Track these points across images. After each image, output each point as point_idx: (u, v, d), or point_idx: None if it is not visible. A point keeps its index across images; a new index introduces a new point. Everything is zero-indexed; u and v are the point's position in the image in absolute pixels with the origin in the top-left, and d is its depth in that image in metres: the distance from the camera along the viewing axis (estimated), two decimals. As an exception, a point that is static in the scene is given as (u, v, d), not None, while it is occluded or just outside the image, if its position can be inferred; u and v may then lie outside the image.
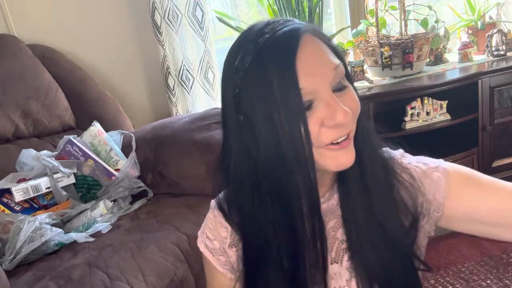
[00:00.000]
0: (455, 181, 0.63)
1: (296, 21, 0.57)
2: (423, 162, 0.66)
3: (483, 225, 0.64)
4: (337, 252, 0.63)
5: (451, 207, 0.64)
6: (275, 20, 0.57)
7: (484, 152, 2.07)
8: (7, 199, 1.22)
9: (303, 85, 0.52)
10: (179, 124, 1.54)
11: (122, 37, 1.98)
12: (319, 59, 0.54)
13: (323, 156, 0.56)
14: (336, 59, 0.56)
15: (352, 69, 2.03)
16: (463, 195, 0.63)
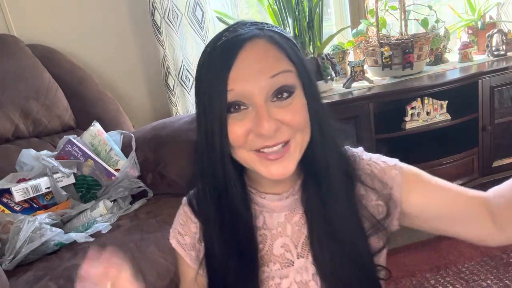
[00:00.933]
0: (410, 178, 0.66)
1: (259, 25, 0.59)
2: (381, 160, 0.68)
3: (440, 221, 0.67)
4: (303, 247, 0.65)
5: (408, 202, 0.66)
6: (239, 23, 0.59)
7: (484, 152, 2.07)
8: (7, 199, 1.22)
9: (233, 87, 0.55)
10: (179, 124, 1.54)
11: (122, 37, 1.98)
12: (256, 65, 0.55)
13: (256, 162, 0.58)
14: (282, 67, 0.56)
15: (352, 69, 2.03)
16: (417, 190, 0.66)
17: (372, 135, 1.92)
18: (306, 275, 0.64)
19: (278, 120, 0.56)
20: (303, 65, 0.59)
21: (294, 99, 0.57)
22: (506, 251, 1.69)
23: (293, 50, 0.58)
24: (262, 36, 0.57)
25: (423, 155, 2.05)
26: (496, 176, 2.12)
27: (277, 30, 0.60)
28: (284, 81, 0.56)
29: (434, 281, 1.59)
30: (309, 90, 0.59)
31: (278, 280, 0.65)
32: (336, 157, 0.63)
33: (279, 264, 0.66)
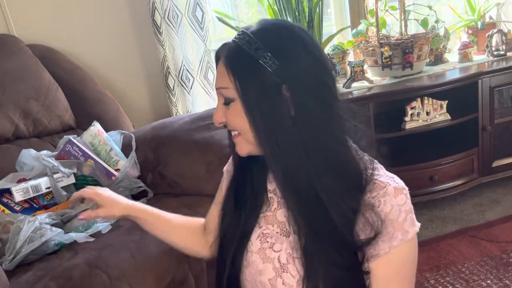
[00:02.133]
0: (395, 257, 0.68)
1: (240, 35, 0.69)
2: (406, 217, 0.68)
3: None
4: (300, 227, 0.71)
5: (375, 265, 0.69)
6: (243, 29, 0.70)
7: (484, 152, 2.07)
8: (7, 199, 1.22)
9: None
10: (179, 124, 1.54)
11: (122, 37, 1.98)
12: (216, 75, 0.72)
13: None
14: (221, 83, 0.69)
15: (352, 69, 2.03)
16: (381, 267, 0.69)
17: (372, 135, 1.92)
18: (295, 253, 0.71)
19: (225, 117, 0.72)
20: (245, 85, 0.66)
21: (231, 108, 0.69)
22: (506, 251, 1.69)
23: (237, 68, 0.67)
24: (224, 50, 0.69)
25: (423, 155, 2.05)
26: (496, 176, 2.13)
27: (241, 43, 0.67)
28: (223, 93, 0.69)
29: (434, 281, 1.59)
30: (248, 106, 0.67)
31: (274, 241, 0.74)
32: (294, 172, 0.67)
33: (280, 229, 0.75)
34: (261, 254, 0.74)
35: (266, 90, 0.65)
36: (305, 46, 0.67)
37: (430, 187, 2.01)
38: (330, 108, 0.67)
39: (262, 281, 0.73)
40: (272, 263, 0.73)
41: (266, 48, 0.65)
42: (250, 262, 0.75)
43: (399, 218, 0.67)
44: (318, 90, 0.66)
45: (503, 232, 1.81)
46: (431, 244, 1.80)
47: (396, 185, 0.68)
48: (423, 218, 2.01)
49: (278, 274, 0.72)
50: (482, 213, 1.99)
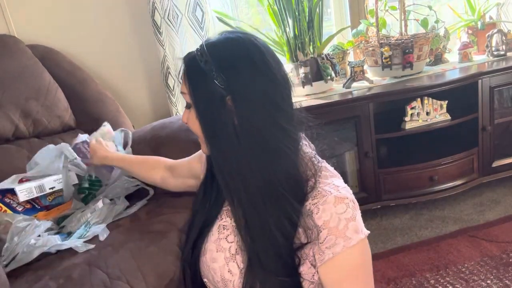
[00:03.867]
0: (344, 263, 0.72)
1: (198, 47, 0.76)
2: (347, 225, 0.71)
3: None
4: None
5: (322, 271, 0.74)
6: (206, 40, 0.77)
7: (484, 152, 2.07)
8: (9, 199, 1.22)
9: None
10: (179, 124, 1.54)
11: (122, 37, 1.98)
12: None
13: None
14: (182, 89, 0.78)
15: (352, 69, 2.03)
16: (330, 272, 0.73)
17: (372, 135, 1.92)
18: (243, 246, 0.77)
19: (187, 120, 0.80)
20: (195, 92, 0.74)
21: (191, 111, 0.78)
22: (506, 251, 1.69)
23: (191, 78, 0.75)
24: (186, 59, 0.77)
25: (423, 155, 2.06)
26: (496, 176, 2.13)
27: (197, 55, 0.74)
28: (185, 98, 0.79)
29: (434, 281, 1.59)
30: (198, 112, 0.75)
31: (229, 233, 0.81)
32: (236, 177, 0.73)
33: (237, 223, 0.80)
34: (216, 243, 0.82)
35: (212, 100, 0.72)
36: (252, 62, 0.72)
37: (430, 187, 2.01)
38: (274, 120, 0.72)
39: (214, 268, 0.80)
40: (224, 252, 0.80)
41: (214, 61, 0.72)
42: (207, 250, 0.83)
43: (339, 226, 0.70)
44: (261, 103, 0.71)
45: (503, 232, 1.81)
46: (431, 244, 1.80)
47: (337, 194, 0.72)
48: (423, 218, 2.01)
49: (227, 263, 0.79)
50: (482, 213, 1.99)
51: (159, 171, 1.19)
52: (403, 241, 1.85)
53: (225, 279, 0.78)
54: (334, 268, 0.72)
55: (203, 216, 0.86)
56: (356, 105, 1.88)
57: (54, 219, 1.24)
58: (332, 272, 0.73)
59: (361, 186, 1.99)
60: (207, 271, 0.83)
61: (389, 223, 2.01)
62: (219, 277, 0.79)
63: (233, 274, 0.77)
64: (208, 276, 0.83)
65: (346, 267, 0.72)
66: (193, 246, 0.86)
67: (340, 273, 0.72)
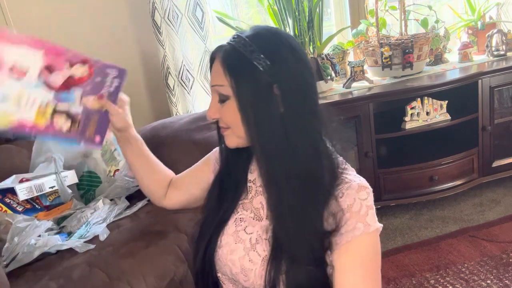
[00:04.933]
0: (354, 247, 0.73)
1: (235, 38, 0.75)
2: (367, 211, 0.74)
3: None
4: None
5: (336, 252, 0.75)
6: (237, 34, 0.77)
7: (484, 152, 2.07)
8: (9, 199, 1.22)
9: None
10: (179, 124, 1.54)
11: (122, 37, 1.98)
12: (211, 73, 0.78)
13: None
14: (217, 81, 0.75)
15: (352, 69, 2.03)
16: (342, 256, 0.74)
17: (372, 135, 1.92)
18: (264, 235, 0.78)
19: (219, 113, 0.78)
20: (240, 84, 0.73)
21: (226, 104, 0.76)
22: (506, 251, 1.69)
23: (234, 68, 0.73)
24: (221, 51, 0.75)
25: (423, 155, 2.06)
26: (496, 176, 2.13)
27: (237, 46, 0.73)
28: (219, 90, 0.76)
29: (434, 281, 1.59)
30: (243, 104, 0.73)
31: (247, 224, 0.82)
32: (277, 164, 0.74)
33: (254, 214, 0.83)
34: (234, 236, 0.82)
35: (259, 89, 0.72)
36: (294, 51, 0.74)
37: (430, 187, 2.01)
38: (314, 108, 0.75)
39: (232, 259, 0.80)
40: (243, 244, 0.80)
41: (260, 50, 0.72)
42: (224, 243, 0.82)
43: (361, 211, 0.73)
44: (304, 91, 0.74)
45: (503, 232, 1.81)
46: (431, 244, 1.80)
47: (360, 182, 0.76)
48: (423, 218, 2.01)
49: (247, 253, 0.79)
50: (482, 213, 1.99)
51: (165, 182, 1.02)
52: (403, 241, 1.86)
53: (246, 269, 0.78)
54: (350, 252, 0.73)
55: (219, 212, 0.86)
56: (356, 105, 1.88)
57: (55, 219, 1.24)
58: (346, 256, 0.73)
59: (361, 186, 1.99)
60: (224, 264, 0.82)
61: (389, 223, 2.01)
62: (239, 268, 0.79)
63: (254, 263, 0.77)
64: (225, 269, 0.82)
65: (361, 253, 0.73)
66: (208, 242, 0.85)
67: (354, 258, 0.73)
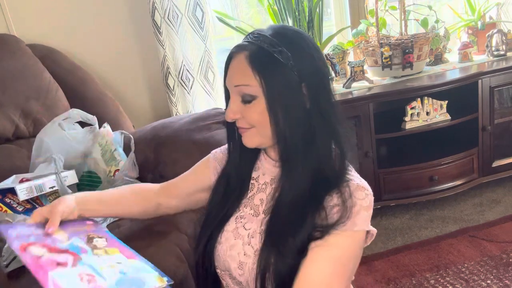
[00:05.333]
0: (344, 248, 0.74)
1: (256, 37, 0.75)
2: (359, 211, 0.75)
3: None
4: (269, 208, 0.81)
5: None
6: (254, 31, 0.77)
7: (484, 152, 2.07)
8: (9, 199, 1.22)
9: (225, 83, 0.79)
10: (179, 124, 1.54)
11: (122, 37, 1.98)
12: (231, 73, 0.77)
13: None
14: (243, 81, 0.74)
15: (352, 69, 2.03)
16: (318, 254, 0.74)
17: (372, 135, 1.92)
18: (259, 228, 0.80)
19: (240, 113, 0.77)
20: (270, 82, 0.73)
21: (253, 104, 0.75)
22: (506, 251, 1.69)
23: (265, 68, 0.73)
24: (244, 50, 0.74)
25: (423, 155, 2.06)
26: (496, 176, 2.13)
27: (265, 46, 0.73)
28: (244, 91, 0.75)
29: (434, 281, 1.59)
30: (272, 103, 0.73)
31: (246, 221, 0.83)
32: (308, 167, 0.75)
33: (253, 211, 0.84)
34: (234, 232, 0.83)
35: (289, 87, 0.73)
36: (316, 50, 0.77)
37: (430, 187, 2.01)
38: (334, 103, 0.78)
39: (231, 255, 0.81)
40: (242, 239, 0.81)
41: (286, 48, 0.73)
42: (224, 240, 0.83)
43: (353, 209, 0.73)
44: (327, 88, 0.77)
45: (503, 232, 1.81)
46: (431, 244, 1.80)
47: (360, 183, 0.77)
48: (423, 218, 2.01)
49: (243, 247, 0.80)
50: (482, 213, 1.99)
51: (150, 201, 0.97)
52: (403, 241, 1.86)
53: (242, 263, 0.80)
54: (327, 244, 0.72)
55: (223, 209, 0.86)
56: (356, 105, 1.88)
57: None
58: (322, 247, 0.72)
59: (361, 186, 1.99)
60: (223, 259, 0.83)
61: (389, 223, 2.01)
62: (237, 263, 0.80)
63: (248, 256, 0.79)
64: (224, 265, 0.83)
65: (339, 248, 0.73)
66: (209, 237, 0.86)
67: (330, 251, 0.72)
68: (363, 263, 1.72)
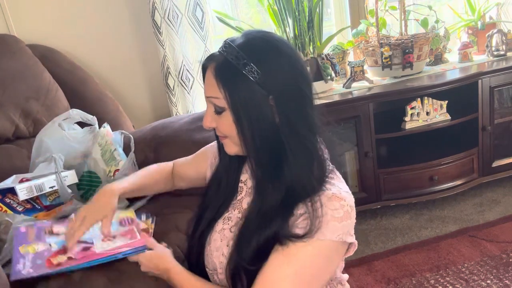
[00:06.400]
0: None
1: (226, 48, 0.75)
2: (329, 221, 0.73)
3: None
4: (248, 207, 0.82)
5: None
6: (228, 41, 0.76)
7: (484, 152, 2.07)
8: (9, 199, 1.22)
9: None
10: (179, 124, 1.54)
11: (122, 37, 1.98)
12: (205, 84, 0.77)
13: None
14: (211, 93, 0.75)
15: (352, 69, 2.03)
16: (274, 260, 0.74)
17: (372, 135, 1.93)
18: (235, 225, 0.82)
19: (215, 123, 0.79)
20: (234, 96, 0.72)
21: (222, 116, 0.76)
22: (506, 251, 1.69)
23: (227, 80, 0.72)
24: (212, 61, 0.75)
25: (423, 155, 2.06)
26: (496, 176, 2.13)
27: (229, 57, 0.73)
28: (214, 102, 0.75)
29: (434, 281, 1.59)
30: (237, 115, 0.73)
31: (233, 224, 0.84)
32: (271, 174, 0.75)
33: (241, 214, 0.84)
34: (221, 233, 0.84)
35: (254, 101, 0.72)
36: (288, 59, 0.74)
37: (430, 187, 2.01)
38: (310, 115, 0.76)
39: (217, 256, 0.83)
40: (226, 241, 0.82)
41: (252, 61, 0.71)
42: (212, 240, 0.85)
43: (323, 218, 0.71)
44: (299, 100, 0.74)
45: (503, 232, 1.81)
46: (431, 244, 1.80)
47: (337, 193, 0.74)
48: (423, 218, 2.01)
49: (226, 248, 0.82)
50: (482, 213, 1.99)
51: (169, 180, 1.13)
52: (403, 241, 1.86)
53: (222, 263, 0.81)
54: (288, 253, 0.71)
55: (214, 209, 0.88)
56: (356, 105, 1.88)
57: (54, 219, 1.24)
58: (282, 256, 0.71)
59: (361, 186, 1.99)
60: (210, 259, 0.84)
61: (389, 223, 2.01)
62: (219, 263, 0.82)
63: (225, 257, 0.81)
64: (212, 265, 0.85)
65: (299, 258, 0.71)
66: (200, 236, 0.88)
67: (289, 260, 0.71)
68: (363, 263, 1.73)
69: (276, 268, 0.72)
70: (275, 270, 0.72)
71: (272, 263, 0.72)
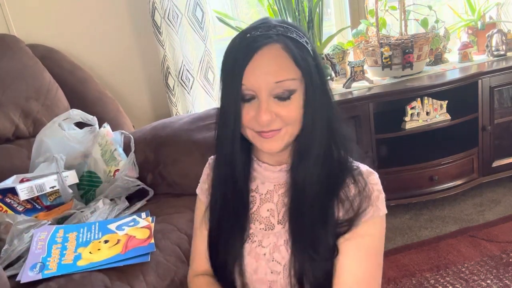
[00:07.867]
0: (374, 231, 0.73)
1: (280, 29, 0.69)
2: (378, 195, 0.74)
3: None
4: (283, 216, 0.76)
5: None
6: (266, 22, 0.70)
7: (484, 152, 2.07)
8: (10, 199, 1.22)
9: (245, 82, 0.67)
10: (179, 124, 1.54)
11: (122, 37, 1.98)
12: (266, 68, 0.67)
13: (255, 138, 0.72)
14: (287, 75, 0.67)
15: (352, 69, 2.03)
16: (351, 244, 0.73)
17: (372, 135, 1.92)
18: (280, 240, 0.75)
19: (275, 113, 0.68)
20: (310, 72, 0.69)
21: (292, 100, 0.69)
22: (506, 251, 1.69)
23: (303, 58, 0.68)
24: (277, 42, 0.67)
25: (423, 155, 2.06)
26: (496, 176, 2.13)
27: (293, 36, 0.69)
28: (287, 86, 0.67)
29: (434, 281, 1.59)
30: (310, 94, 0.69)
31: (261, 237, 0.77)
32: (321, 153, 0.72)
33: (264, 225, 0.78)
34: (252, 254, 0.77)
35: (321, 78, 0.71)
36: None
37: (430, 187, 2.01)
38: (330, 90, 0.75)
39: (259, 278, 0.77)
40: (263, 259, 0.76)
41: (305, 35, 0.71)
42: (246, 264, 0.78)
43: (372, 195, 0.72)
44: (324, 77, 0.74)
45: (503, 232, 1.81)
46: (431, 244, 1.80)
47: (367, 168, 0.75)
48: (423, 218, 2.01)
49: (268, 266, 0.76)
50: (482, 213, 1.99)
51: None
52: (403, 241, 1.86)
53: (271, 281, 0.76)
54: (359, 236, 0.72)
55: (230, 232, 0.78)
56: (356, 105, 1.88)
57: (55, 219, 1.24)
58: (355, 241, 0.72)
59: (361, 186, 1.99)
60: (253, 286, 0.78)
61: (389, 223, 2.01)
62: (266, 285, 0.76)
63: (276, 273, 0.75)
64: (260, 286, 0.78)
65: (369, 236, 0.72)
66: (225, 265, 0.79)
67: (362, 242, 0.72)
68: (363, 263, 1.73)
69: (356, 258, 0.72)
70: (356, 261, 0.72)
71: (349, 254, 0.72)
